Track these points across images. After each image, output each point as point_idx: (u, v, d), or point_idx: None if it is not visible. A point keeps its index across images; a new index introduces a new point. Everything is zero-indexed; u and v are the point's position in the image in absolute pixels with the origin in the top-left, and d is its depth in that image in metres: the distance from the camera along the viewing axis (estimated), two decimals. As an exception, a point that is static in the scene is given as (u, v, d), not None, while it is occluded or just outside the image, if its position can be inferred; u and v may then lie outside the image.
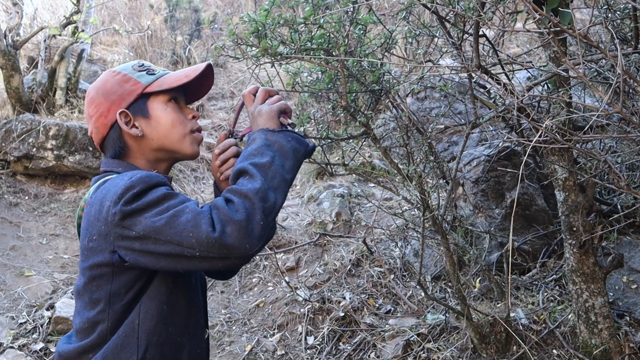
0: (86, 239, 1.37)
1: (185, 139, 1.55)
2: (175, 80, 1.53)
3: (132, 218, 1.27)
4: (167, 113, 1.52)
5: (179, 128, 1.53)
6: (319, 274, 4.15)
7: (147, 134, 1.51)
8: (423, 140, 2.91)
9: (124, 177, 1.33)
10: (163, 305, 1.37)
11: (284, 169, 1.37)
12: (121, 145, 1.52)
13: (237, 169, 1.36)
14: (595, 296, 2.72)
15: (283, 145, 1.41)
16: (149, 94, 1.52)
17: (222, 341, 3.78)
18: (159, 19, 10.69)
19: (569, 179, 2.63)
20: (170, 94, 1.54)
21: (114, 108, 1.50)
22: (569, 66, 1.37)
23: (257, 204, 1.26)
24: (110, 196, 1.31)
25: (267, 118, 1.48)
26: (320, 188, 5.26)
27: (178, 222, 1.25)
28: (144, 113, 1.51)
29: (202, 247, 1.23)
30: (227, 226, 1.22)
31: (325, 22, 2.10)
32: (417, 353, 3.18)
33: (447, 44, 2.88)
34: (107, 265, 1.34)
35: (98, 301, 1.37)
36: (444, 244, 2.85)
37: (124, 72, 1.54)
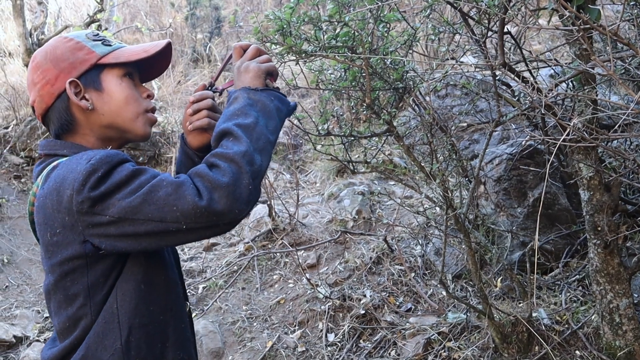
0: (48, 234, 1.26)
1: (139, 118, 1.44)
2: (133, 54, 1.42)
3: (103, 202, 1.18)
4: (122, 88, 1.41)
5: (133, 105, 1.43)
6: (339, 272, 4.15)
7: (98, 108, 1.39)
8: (446, 138, 2.90)
9: (81, 161, 1.22)
10: (140, 284, 1.29)
11: (268, 130, 1.31)
12: (68, 118, 1.39)
13: (220, 130, 1.28)
14: (620, 297, 2.69)
15: (266, 104, 1.34)
16: (103, 66, 1.40)
17: (243, 337, 3.80)
18: (180, 17, 10.75)
19: (594, 178, 2.60)
20: (125, 69, 1.43)
21: (62, 76, 1.37)
22: (598, 63, 1.35)
23: (245, 168, 1.19)
24: (69, 183, 1.20)
25: (253, 76, 1.40)
26: (341, 185, 5.26)
27: (157, 196, 1.17)
28: (96, 85, 1.39)
29: (189, 219, 1.16)
30: (214, 192, 1.16)
31: (350, 19, 2.10)
32: (438, 352, 3.18)
33: (469, 41, 2.87)
34: (79, 258, 1.25)
35: (75, 296, 1.27)
36: (466, 242, 2.84)
37: (77, 40, 1.41)
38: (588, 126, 1.91)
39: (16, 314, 4.28)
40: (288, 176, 6.47)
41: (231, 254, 4.84)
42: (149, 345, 1.30)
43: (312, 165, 6.45)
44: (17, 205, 5.90)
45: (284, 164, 6.71)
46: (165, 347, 1.33)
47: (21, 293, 4.72)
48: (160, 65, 1.54)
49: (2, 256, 5.06)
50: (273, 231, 4.84)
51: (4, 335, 3.93)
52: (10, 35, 8.72)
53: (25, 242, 5.43)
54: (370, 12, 2.23)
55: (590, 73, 2.37)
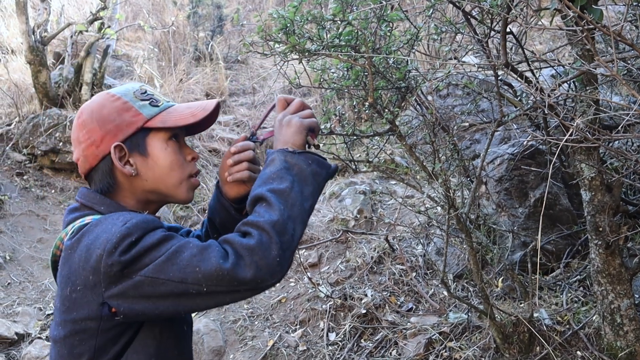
0: (68, 289, 1.23)
1: (182, 184, 1.42)
2: (181, 119, 1.38)
3: (131, 266, 1.17)
4: (167, 153, 1.38)
5: (177, 172, 1.40)
6: (340, 271, 4.16)
7: (142, 174, 1.37)
8: (449, 138, 2.90)
9: (117, 222, 1.21)
10: (151, 358, 1.26)
11: (303, 196, 1.26)
12: (110, 181, 1.37)
13: (254, 195, 1.25)
14: (621, 298, 2.69)
15: (303, 168, 1.29)
16: (150, 129, 1.37)
17: (244, 336, 3.80)
18: (182, 15, 10.75)
19: (596, 178, 2.60)
20: (172, 132, 1.40)
21: (108, 139, 1.34)
22: (602, 64, 1.36)
23: (275, 238, 1.16)
24: (102, 243, 1.18)
25: (295, 131, 1.36)
26: (342, 185, 5.26)
27: (181, 257, 1.16)
28: (141, 150, 1.37)
29: (211, 281, 1.14)
30: (241, 258, 1.14)
31: (353, 18, 2.11)
32: (439, 352, 3.18)
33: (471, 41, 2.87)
34: (93, 320, 1.22)
35: (80, 356, 1.25)
36: (468, 242, 2.84)
37: (124, 99, 1.38)
38: (590, 126, 1.91)
39: (18, 311, 4.29)
40: (289, 175, 6.45)
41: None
42: None
43: (313, 164, 6.43)
44: (19, 202, 5.91)
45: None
46: None
47: (23, 290, 4.73)
48: (209, 121, 1.49)
49: (4, 253, 5.07)
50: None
51: (5, 333, 3.93)
52: (13, 32, 8.73)
53: (27, 239, 5.44)
54: (373, 11, 2.24)
55: (592, 74, 2.37)
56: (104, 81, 7.47)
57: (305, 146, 1.37)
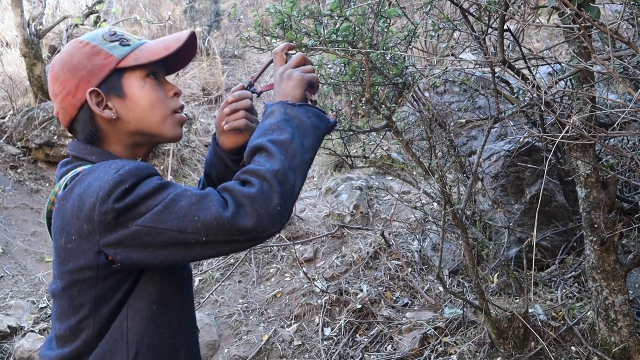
0: (62, 239, 1.21)
1: (167, 120, 1.37)
2: (154, 53, 1.33)
3: (126, 214, 1.14)
4: (145, 91, 1.34)
5: (159, 108, 1.35)
6: (336, 266, 4.17)
7: (123, 116, 1.33)
8: (445, 134, 2.91)
9: (109, 170, 1.18)
10: (152, 305, 1.24)
11: (304, 148, 1.24)
12: (93, 129, 1.33)
13: (253, 145, 1.23)
14: (615, 294, 2.70)
15: (303, 121, 1.28)
16: (124, 69, 1.32)
17: (239, 330, 3.81)
18: (179, 10, 10.72)
19: (591, 175, 2.61)
20: (148, 69, 1.35)
21: (82, 86, 1.31)
22: (599, 62, 1.36)
23: (276, 187, 1.14)
24: (94, 191, 1.15)
25: (295, 85, 1.34)
26: (338, 180, 5.27)
27: (179, 205, 1.13)
28: (118, 92, 1.32)
29: (210, 230, 1.11)
30: (241, 207, 1.12)
31: (350, 14, 2.11)
32: (434, 347, 3.19)
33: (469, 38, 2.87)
34: (90, 269, 1.20)
35: (80, 307, 1.23)
36: (464, 238, 2.85)
37: (93, 43, 1.33)
38: (587, 124, 1.92)
39: (11, 304, 4.29)
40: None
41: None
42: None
43: (309, 160, 6.44)
44: (13, 195, 5.89)
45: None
46: None
47: (16, 283, 4.72)
48: (186, 55, 1.45)
49: (-2, 246, 5.06)
50: (270, 225, 4.84)
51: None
52: (7, 25, 8.69)
53: (20, 232, 5.43)
54: (370, 7, 2.24)
55: (589, 71, 2.38)
56: (99, 75, 7.43)
57: (304, 100, 1.35)
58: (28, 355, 3.69)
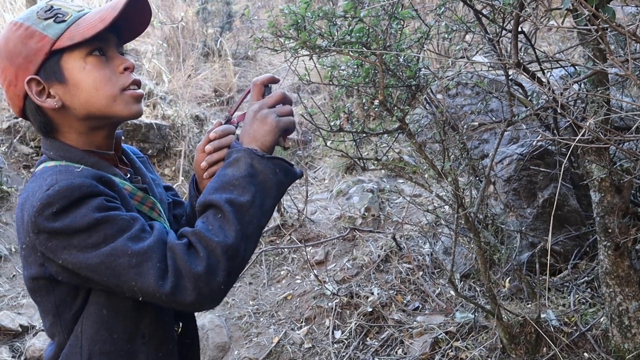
0: (20, 245, 1.19)
1: (117, 100, 1.22)
2: (89, 28, 1.17)
3: (56, 240, 1.08)
4: (87, 72, 1.19)
5: (104, 90, 1.21)
6: (347, 269, 4.15)
7: (68, 103, 1.20)
8: (459, 136, 2.89)
9: (42, 185, 1.10)
10: (102, 309, 1.19)
11: (262, 211, 1.16)
12: (42, 119, 1.23)
13: (209, 200, 1.14)
14: (629, 300, 2.67)
15: (269, 178, 1.18)
16: (62, 50, 1.18)
17: (249, 332, 3.80)
18: (191, 11, 10.76)
19: (605, 179, 2.58)
20: (88, 46, 1.20)
21: (21, 74, 1.19)
22: (616, 64, 1.34)
23: (223, 264, 1.07)
24: (28, 207, 1.10)
25: (268, 130, 1.23)
26: (350, 182, 5.26)
27: (116, 263, 1.07)
28: (58, 77, 1.19)
29: (146, 297, 1.08)
30: (181, 280, 1.06)
31: (364, 15, 2.10)
32: (445, 351, 3.17)
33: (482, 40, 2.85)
34: (41, 278, 1.18)
35: (46, 312, 1.22)
36: (476, 242, 2.83)
37: (26, 24, 1.19)
38: (603, 127, 1.90)
39: (23, 303, 4.30)
40: (297, 172, 6.45)
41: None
42: None
43: (321, 162, 6.45)
44: (27, 195, 5.93)
45: (293, 159, 6.71)
46: None
47: (29, 283, 4.75)
48: (138, 19, 1.28)
49: (9, 245, 5.08)
50: (281, 227, 4.84)
51: (10, 324, 3.94)
52: (22, 26, 8.76)
53: (34, 232, 5.46)
54: (384, 8, 2.23)
55: (604, 74, 2.35)
56: (112, 76, 7.48)
57: (274, 148, 1.25)
58: (39, 355, 3.71)
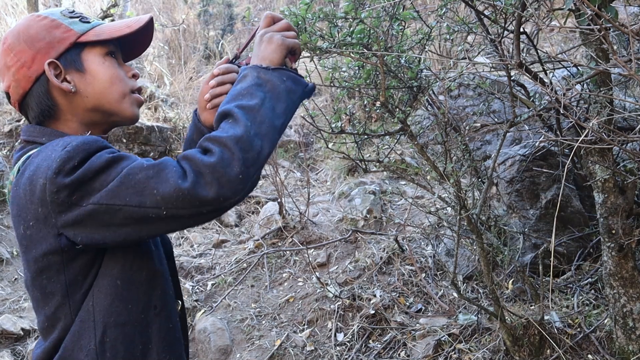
0: (21, 227, 1.17)
1: (125, 98, 1.33)
2: (116, 31, 1.31)
3: (79, 191, 1.08)
4: (106, 67, 1.30)
5: (118, 85, 1.31)
6: (349, 271, 4.14)
7: (81, 90, 1.28)
8: (461, 138, 2.88)
9: (56, 148, 1.12)
10: (116, 280, 1.18)
11: (275, 113, 1.18)
12: (48, 103, 1.27)
13: (221, 111, 1.17)
14: (633, 301, 2.65)
15: (276, 85, 1.21)
16: (84, 45, 1.29)
17: (251, 335, 3.79)
18: (193, 14, 10.78)
19: (609, 180, 2.57)
20: (108, 47, 1.32)
21: (40, 57, 1.25)
22: (619, 63, 1.33)
23: (237, 154, 1.08)
24: (43, 172, 1.10)
25: (274, 48, 1.27)
26: (352, 184, 5.25)
27: (135, 179, 1.07)
28: (77, 66, 1.28)
29: (170, 203, 1.06)
30: (200, 176, 1.06)
31: (365, 17, 2.09)
32: (448, 353, 3.15)
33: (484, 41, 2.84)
34: (54, 253, 1.15)
35: (52, 295, 1.19)
36: (479, 243, 2.82)
37: (52, 17, 1.28)
38: (606, 127, 1.89)
39: (24, 307, 4.29)
40: (299, 174, 6.46)
41: (241, 251, 4.84)
42: (127, 346, 1.20)
43: (323, 164, 6.44)
44: (29, 199, 5.92)
45: (294, 161, 6.70)
46: (148, 348, 1.24)
47: (31, 286, 4.74)
48: (142, 43, 1.43)
49: (11, 249, 5.08)
50: (283, 229, 4.83)
51: (12, 328, 3.94)
52: (24, 29, 8.76)
53: (36, 235, 5.45)
54: (385, 10, 2.22)
55: (607, 74, 2.34)
56: (114, 79, 7.49)
57: (282, 65, 1.28)
58: (41, 358, 3.70)
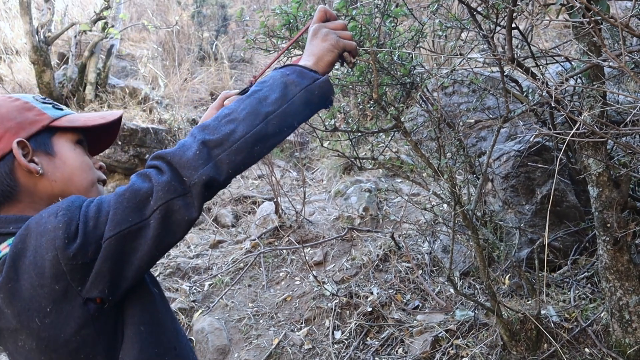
0: (36, 320, 1.05)
1: (93, 187, 1.29)
2: (90, 120, 1.30)
3: (92, 245, 1.03)
4: (76, 154, 1.27)
5: (88, 173, 1.28)
6: (346, 269, 4.14)
7: (49, 174, 1.22)
8: (455, 134, 2.88)
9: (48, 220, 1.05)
10: (139, 326, 1.14)
11: (262, 103, 1.15)
12: (11, 183, 1.19)
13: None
14: (629, 294, 2.66)
15: (275, 79, 1.19)
16: (55, 130, 1.26)
17: (249, 334, 3.79)
18: (186, 15, 10.76)
19: (603, 174, 2.57)
20: (78, 135, 1.30)
21: (8, 136, 1.20)
22: (610, 56, 1.33)
23: (198, 137, 1.09)
24: (47, 247, 1.02)
25: (329, 47, 1.26)
26: (347, 183, 5.25)
27: (124, 199, 1.06)
28: (47, 149, 1.23)
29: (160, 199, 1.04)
30: (165, 165, 1.07)
31: (357, 14, 2.09)
32: (446, 349, 3.16)
33: (477, 37, 2.84)
34: (85, 327, 1.06)
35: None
36: (474, 239, 2.82)
37: (25, 100, 1.26)
38: (598, 120, 1.89)
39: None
40: (295, 174, 6.46)
41: (237, 251, 4.84)
42: None
43: (318, 163, 6.44)
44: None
45: (290, 161, 6.70)
46: None
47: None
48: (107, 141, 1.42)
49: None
50: (279, 228, 4.83)
51: None
52: (17, 33, 8.75)
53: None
54: (377, 7, 2.22)
55: (599, 69, 2.35)
56: (107, 81, 7.48)
57: (330, 65, 1.27)
58: None
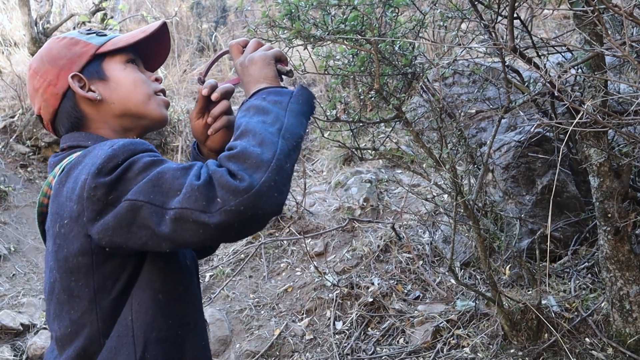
0: (57, 225, 1.14)
1: (151, 100, 1.36)
2: (131, 37, 1.37)
3: (116, 191, 1.06)
4: (127, 72, 1.35)
5: (142, 88, 1.35)
6: (347, 260, 4.15)
7: (107, 97, 1.32)
8: (456, 124, 2.88)
9: (103, 147, 1.12)
10: (158, 294, 1.15)
11: (265, 125, 1.11)
12: (78, 115, 1.31)
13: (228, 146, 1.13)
14: (630, 284, 2.67)
15: (258, 105, 1.17)
16: (103, 55, 1.35)
17: (250, 325, 3.80)
18: (185, 6, 10.72)
19: (604, 164, 2.57)
20: (127, 55, 1.38)
21: (64, 74, 1.31)
22: (613, 45, 1.33)
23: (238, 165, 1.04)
24: (87, 168, 1.09)
25: (262, 65, 1.27)
26: (348, 174, 5.24)
27: (164, 179, 1.04)
28: (100, 75, 1.33)
29: (186, 201, 1.00)
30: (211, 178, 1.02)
31: (358, 3, 2.08)
32: (447, 339, 3.17)
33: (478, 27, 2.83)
34: (84, 255, 1.12)
35: (79, 299, 1.14)
36: (475, 229, 2.82)
37: (70, 36, 1.36)
38: (601, 110, 1.89)
39: (23, 302, 4.30)
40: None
41: (238, 242, 4.84)
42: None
43: (319, 154, 6.43)
44: (24, 193, 5.91)
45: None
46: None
47: (28, 281, 4.74)
48: (161, 52, 1.48)
49: (8, 245, 5.07)
50: (280, 219, 4.83)
51: (11, 323, 3.94)
52: (15, 24, 8.70)
53: (31, 230, 5.44)
54: (378, -4, 2.21)
55: (601, 59, 2.34)
56: (107, 72, 7.46)
57: (277, 77, 1.28)
58: (41, 353, 3.70)
